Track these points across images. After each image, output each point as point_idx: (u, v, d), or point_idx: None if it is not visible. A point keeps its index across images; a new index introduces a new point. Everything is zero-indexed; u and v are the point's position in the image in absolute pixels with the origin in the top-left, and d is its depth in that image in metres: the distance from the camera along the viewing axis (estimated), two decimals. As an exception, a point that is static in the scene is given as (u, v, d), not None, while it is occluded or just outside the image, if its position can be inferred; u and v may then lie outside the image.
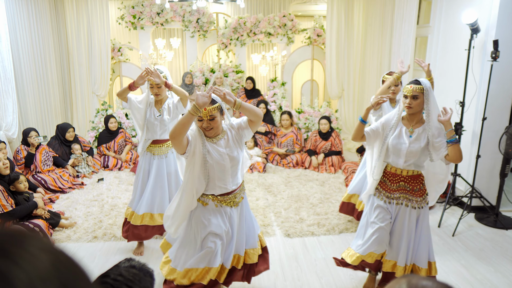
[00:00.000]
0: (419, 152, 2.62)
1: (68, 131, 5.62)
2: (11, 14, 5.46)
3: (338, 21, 6.87)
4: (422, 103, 2.61)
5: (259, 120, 2.48)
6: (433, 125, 2.61)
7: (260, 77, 9.13)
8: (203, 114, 2.36)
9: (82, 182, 5.29)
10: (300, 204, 4.64)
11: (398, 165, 2.69)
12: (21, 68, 5.68)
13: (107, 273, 1.22)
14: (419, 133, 2.63)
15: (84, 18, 6.65)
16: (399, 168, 2.69)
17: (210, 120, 2.38)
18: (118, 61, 7.35)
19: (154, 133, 3.44)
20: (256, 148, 6.23)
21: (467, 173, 4.51)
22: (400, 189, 2.72)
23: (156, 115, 3.42)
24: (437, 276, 2.89)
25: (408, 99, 2.61)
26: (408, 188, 2.71)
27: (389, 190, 2.74)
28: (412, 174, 2.71)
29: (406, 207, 2.72)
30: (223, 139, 2.50)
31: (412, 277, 0.75)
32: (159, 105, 3.45)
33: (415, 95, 2.59)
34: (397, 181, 2.72)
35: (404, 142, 2.64)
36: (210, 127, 2.40)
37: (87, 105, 6.96)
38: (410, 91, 2.60)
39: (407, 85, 2.66)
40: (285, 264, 3.41)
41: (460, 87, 4.51)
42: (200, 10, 7.33)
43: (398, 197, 2.72)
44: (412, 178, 2.71)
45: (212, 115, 2.37)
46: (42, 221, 3.70)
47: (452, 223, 4.18)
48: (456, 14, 4.71)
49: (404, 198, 2.71)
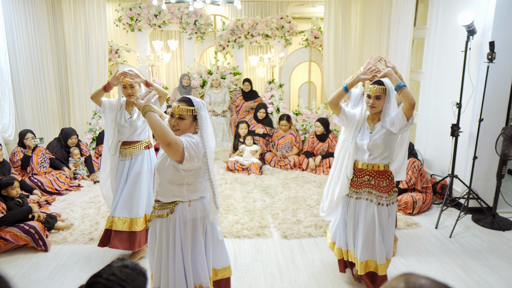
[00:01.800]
0: (381, 143, 2.73)
1: (71, 138, 5.59)
2: (8, 16, 5.45)
3: (335, 23, 6.88)
4: (383, 102, 2.72)
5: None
6: (385, 123, 2.73)
7: (257, 79, 9.14)
8: (175, 111, 2.25)
9: (78, 184, 5.27)
10: (298, 205, 4.63)
11: (364, 160, 2.81)
12: (18, 69, 5.66)
13: (100, 273, 1.21)
14: (379, 128, 2.76)
15: (81, 20, 6.64)
16: (365, 163, 2.82)
17: (178, 119, 2.25)
18: (115, 63, 7.34)
19: (122, 135, 3.39)
20: (255, 145, 6.22)
21: (464, 175, 4.52)
22: (365, 184, 2.82)
23: (126, 118, 3.38)
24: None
25: (371, 99, 2.71)
26: (372, 182, 2.80)
27: (356, 186, 2.86)
28: (378, 169, 2.80)
29: (372, 204, 2.79)
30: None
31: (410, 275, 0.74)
32: (131, 108, 3.43)
33: (378, 95, 2.70)
34: (362, 176, 2.84)
35: (366, 138, 2.77)
36: (177, 128, 2.25)
37: (84, 107, 6.94)
38: (374, 92, 2.70)
39: (370, 85, 2.74)
40: (282, 266, 3.40)
41: (457, 89, 4.52)
42: (197, 12, 7.33)
43: (366, 192, 2.82)
44: (378, 173, 2.80)
45: (181, 115, 2.23)
46: (38, 223, 3.67)
47: (449, 224, 4.19)
48: (452, 16, 4.73)
49: (371, 194, 2.80)
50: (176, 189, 2.26)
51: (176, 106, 2.25)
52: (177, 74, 8.70)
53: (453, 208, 4.60)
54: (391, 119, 2.71)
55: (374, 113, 2.79)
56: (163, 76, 8.70)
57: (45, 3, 6.37)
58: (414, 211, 4.43)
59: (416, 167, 4.55)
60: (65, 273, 3.28)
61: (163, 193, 2.29)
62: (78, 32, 6.67)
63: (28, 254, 3.55)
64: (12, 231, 3.53)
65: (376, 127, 2.78)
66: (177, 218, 2.29)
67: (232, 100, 7.44)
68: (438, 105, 5.11)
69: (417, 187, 4.54)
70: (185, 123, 2.25)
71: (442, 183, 4.79)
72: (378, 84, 2.70)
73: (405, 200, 4.45)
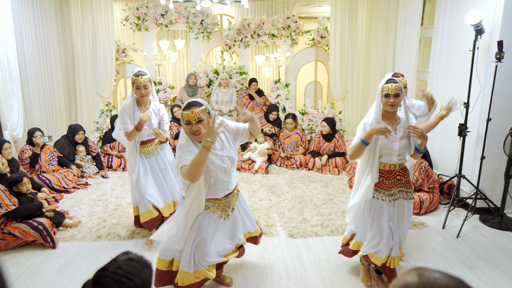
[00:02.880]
0: (406, 147, 2.81)
1: (78, 133, 5.64)
2: (17, 15, 5.50)
3: (342, 23, 6.87)
4: (401, 99, 2.77)
5: (258, 136, 2.78)
6: (411, 121, 2.80)
7: (263, 78, 9.14)
8: (190, 118, 2.37)
9: (86, 182, 5.31)
10: (304, 205, 4.63)
11: (392, 161, 2.82)
12: (26, 68, 5.71)
13: (106, 267, 1.22)
14: (401, 130, 2.81)
15: (89, 20, 6.68)
16: (393, 164, 2.83)
17: (198, 123, 2.38)
18: (122, 62, 7.38)
19: (142, 135, 3.56)
20: (266, 142, 6.22)
21: (472, 175, 4.50)
22: (397, 184, 2.85)
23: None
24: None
25: (391, 98, 2.73)
26: (403, 181, 2.86)
27: (387, 188, 2.84)
28: (403, 167, 2.88)
29: (404, 200, 2.87)
30: (217, 142, 2.52)
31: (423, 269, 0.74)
32: (143, 108, 3.57)
33: (397, 93, 2.72)
34: (393, 177, 2.84)
35: (395, 140, 2.77)
36: (199, 132, 2.38)
37: (92, 105, 6.98)
38: (393, 90, 2.72)
39: (386, 84, 2.76)
40: (288, 264, 3.40)
41: (465, 88, 4.49)
42: (204, 12, 7.35)
43: (396, 192, 2.85)
44: (403, 170, 2.88)
45: (200, 118, 2.38)
46: (46, 219, 3.71)
47: (457, 224, 4.17)
48: (460, 15, 4.70)
49: (401, 192, 2.86)
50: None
51: (190, 113, 2.36)
52: (184, 74, 8.72)
53: (460, 208, 4.58)
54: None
55: (392, 112, 2.79)
56: (169, 76, 8.73)
57: (53, 3, 6.41)
58: (421, 211, 4.42)
59: (423, 168, 4.54)
60: (73, 269, 3.31)
61: (235, 178, 2.70)
62: (85, 32, 6.72)
63: (37, 251, 3.59)
64: (20, 227, 3.56)
65: (398, 129, 2.81)
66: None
67: (238, 100, 7.44)
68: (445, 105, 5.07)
69: (424, 187, 4.52)
70: (205, 124, 2.39)
71: (449, 183, 4.77)
72: (394, 82, 2.74)
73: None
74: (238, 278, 3.19)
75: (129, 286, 1.17)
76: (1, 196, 3.53)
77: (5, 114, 4.95)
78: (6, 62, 4.94)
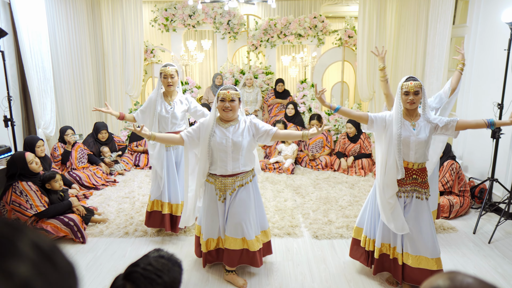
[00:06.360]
0: (425, 142, 2.79)
1: (101, 132, 5.79)
2: (51, 17, 5.69)
3: (370, 22, 6.76)
4: (421, 97, 2.78)
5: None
6: (431, 116, 2.83)
7: (290, 78, 9.11)
8: (226, 96, 2.86)
9: (114, 180, 5.44)
10: (329, 206, 4.58)
11: (410, 158, 2.82)
12: (59, 68, 5.90)
13: (137, 263, 1.24)
14: (421, 126, 2.81)
15: (119, 21, 6.84)
16: (411, 162, 2.83)
17: (230, 102, 2.86)
18: (150, 62, 7.52)
19: (165, 126, 3.60)
20: (293, 144, 6.19)
21: (505, 178, 4.33)
22: (412, 183, 2.85)
23: (168, 108, 3.60)
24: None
25: (410, 95, 2.75)
26: (419, 180, 2.86)
27: (401, 184, 2.86)
28: (422, 167, 2.87)
29: (416, 199, 2.86)
30: (234, 126, 2.93)
31: (456, 274, 0.71)
32: (169, 99, 3.64)
33: (417, 90, 2.74)
34: (410, 175, 2.85)
35: (412, 134, 2.78)
36: (230, 108, 2.86)
37: (120, 105, 7.15)
38: (413, 88, 2.74)
39: (405, 82, 2.78)
40: (313, 266, 3.37)
41: (499, 89, 4.33)
42: (231, 12, 7.39)
43: (409, 190, 2.86)
44: (421, 170, 2.87)
45: (232, 98, 2.86)
46: (77, 216, 3.81)
47: (488, 230, 4.02)
48: (495, 13, 4.54)
49: (414, 191, 2.86)
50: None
51: (226, 92, 2.86)
52: (210, 74, 8.81)
53: (492, 213, 4.41)
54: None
55: (412, 109, 2.82)
56: (196, 76, 8.83)
57: (85, 5, 6.60)
58: (450, 215, 4.29)
59: (454, 170, 4.40)
60: (101, 264, 3.39)
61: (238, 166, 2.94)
62: (115, 33, 6.88)
63: (67, 246, 3.70)
64: (52, 223, 3.68)
65: (417, 124, 2.81)
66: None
67: (264, 100, 7.45)
68: (477, 106, 4.92)
69: (454, 190, 4.39)
70: (236, 104, 2.88)
71: (481, 187, 4.61)
72: (414, 80, 2.76)
73: (441, 203, 4.29)
74: (261, 278, 3.19)
75: (158, 283, 1.19)
76: (32, 197, 3.65)
77: (39, 112, 5.13)
78: (41, 62, 5.12)
